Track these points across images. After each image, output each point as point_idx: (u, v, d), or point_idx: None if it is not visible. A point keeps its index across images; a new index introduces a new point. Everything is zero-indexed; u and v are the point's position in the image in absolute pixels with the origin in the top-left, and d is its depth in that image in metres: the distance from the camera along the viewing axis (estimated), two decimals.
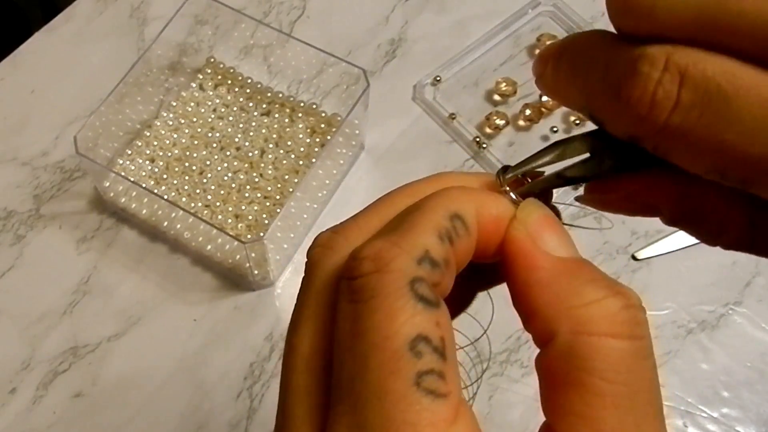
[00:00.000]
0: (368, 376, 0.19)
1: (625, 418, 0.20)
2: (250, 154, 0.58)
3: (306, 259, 0.24)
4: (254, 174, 0.57)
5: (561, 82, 0.24)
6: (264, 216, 0.56)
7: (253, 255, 0.51)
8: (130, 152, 0.59)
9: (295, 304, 0.23)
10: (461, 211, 0.22)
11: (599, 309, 0.20)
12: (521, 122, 0.60)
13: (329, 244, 0.25)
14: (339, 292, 0.22)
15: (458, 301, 0.26)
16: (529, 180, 0.26)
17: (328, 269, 0.23)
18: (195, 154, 0.58)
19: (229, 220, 0.56)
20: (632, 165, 0.24)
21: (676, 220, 0.26)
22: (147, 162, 0.58)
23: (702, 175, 0.21)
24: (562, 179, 0.26)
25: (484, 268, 0.25)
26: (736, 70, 0.19)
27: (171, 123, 0.60)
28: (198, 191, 0.57)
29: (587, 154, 0.25)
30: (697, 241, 0.27)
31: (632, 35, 0.21)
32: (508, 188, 0.25)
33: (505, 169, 0.25)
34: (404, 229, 0.22)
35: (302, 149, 0.58)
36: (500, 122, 0.59)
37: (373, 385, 0.19)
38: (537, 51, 0.63)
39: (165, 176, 0.58)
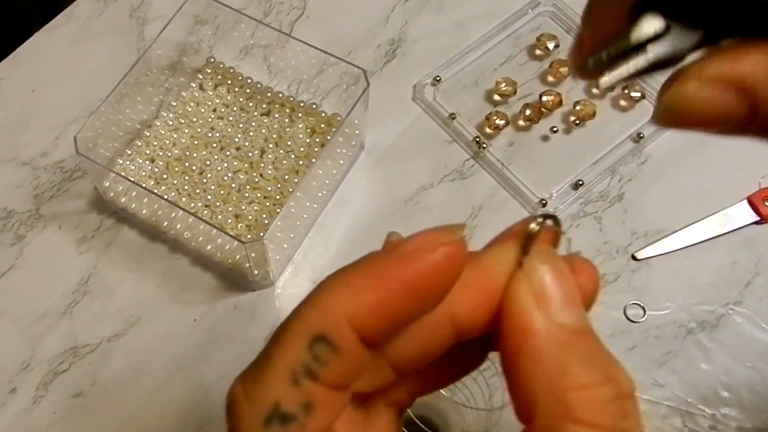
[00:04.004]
0: None
1: None
2: (250, 154, 0.58)
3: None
4: (254, 174, 0.57)
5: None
6: (264, 216, 0.56)
7: (253, 255, 0.51)
8: (130, 152, 0.59)
9: None
10: (326, 329, 0.20)
11: (588, 395, 0.19)
12: (521, 122, 0.60)
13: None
14: None
15: (468, 360, 0.25)
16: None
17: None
18: (195, 154, 0.58)
19: (229, 220, 0.56)
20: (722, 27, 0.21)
21: None
22: (147, 162, 0.58)
23: None
24: (652, 62, 0.22)
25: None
26: None
27: (171, 123, 0.60)
28: (198, 191, 0.57)
29: (662, 27, 0.21)
30: (697, 241, 0.26)
31: None
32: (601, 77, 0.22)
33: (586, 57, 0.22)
34: (259, 371, 0.20)
35: (302, 149, 0.58)
36: (500, 122, 0.59)
37: None
38: (537, 51, 0.63)
39: (165, 176, 0.58)
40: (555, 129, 0.60)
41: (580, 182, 0.58)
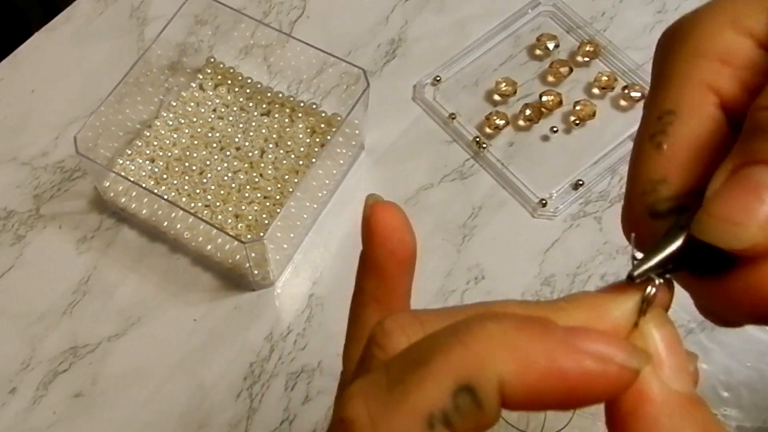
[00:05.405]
0: None
1: None
2: (250, 154, 0.58)
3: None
4: (254, 174, 0.57)
5: None
6: (264, 216, 0.56)
7: (253, 255, 0.51)
8: (130, 152, 0.59)
9: None
10: (475, 383, 0.19)
11: None
12: (521, 122, 0.60)
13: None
14: None
15: None
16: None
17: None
18: (195, 154, 0.58)
19: (229, 220, 0.56)
20: None
21: None
22: (147, 162, 0.58)
23: None
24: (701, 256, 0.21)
25: None
26: None
27: (171, 123, 0.60)
28: (198, 191, 0.57)
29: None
30: None
31: None
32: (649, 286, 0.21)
33: (632, 274, 0.22)
34: (393, 399, 0.19)
35: (302, 149, 0.58)
36: (500, 122, 0.59)
37: None
38: (537, 51, 0.63)
39: (165, 176, 0.58)
40: (555, 129, 0.60)
41: (580, 182, 0.58)
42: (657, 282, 0.21)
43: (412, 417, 0.19)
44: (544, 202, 0.57)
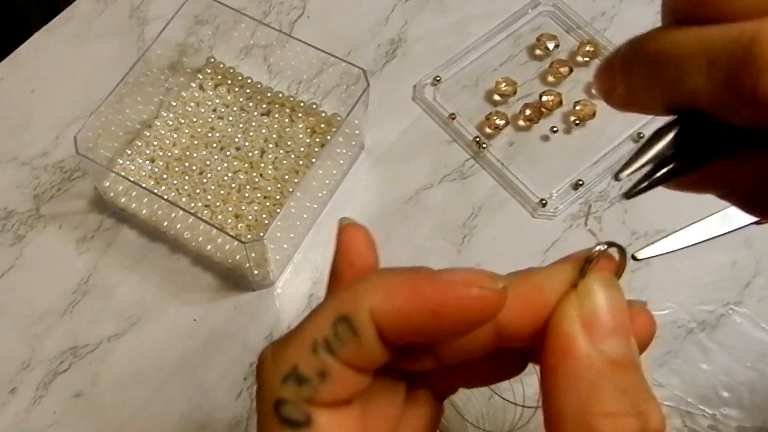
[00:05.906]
0: None
1: None
2: (250, 154, 0.58)
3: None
4: (254, 174, 0.57)
5: (638, 90, 0.22)
6: (264, 216, 0.56)
7: (253, 255, 0.51)
8: (130, 152, 0.59)
9: None
10: (351, 314, 0.22)
11: (613, 425, 0.20)
12: (521, 122, 0.60)
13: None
14: None
15: (510, 366, 0.26)
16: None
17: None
18: (195, 154, 0.58)
19: (229, 220, 0.56)
20: (728, 145, 0.22)
21: (748, 196, 0.23)
22: (147, 162, 0.58)
23: None
24: (666, 173, 0.22)
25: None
26: None
27: (171, 123, 0.60)
28: (198, 191, 0.57)
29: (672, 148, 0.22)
30: (697, 241, 0.26)
31: (704, 20, 0.19)
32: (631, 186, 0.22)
33: (620, 173, 0.22)
34: (289, 336, 0.23)
35: (302, 149, 0.58)
36: (500, 122, 0.59)
37: None
38: (537, 51, 0.63)
39: (165, 176, 0.58)
40: (555, 129, 0.60)
41: (580, 182, 0.58)
42: (602, 247, 0.22)
43: (300, 345, 0.23)
44: (544, 202, 0.57)
